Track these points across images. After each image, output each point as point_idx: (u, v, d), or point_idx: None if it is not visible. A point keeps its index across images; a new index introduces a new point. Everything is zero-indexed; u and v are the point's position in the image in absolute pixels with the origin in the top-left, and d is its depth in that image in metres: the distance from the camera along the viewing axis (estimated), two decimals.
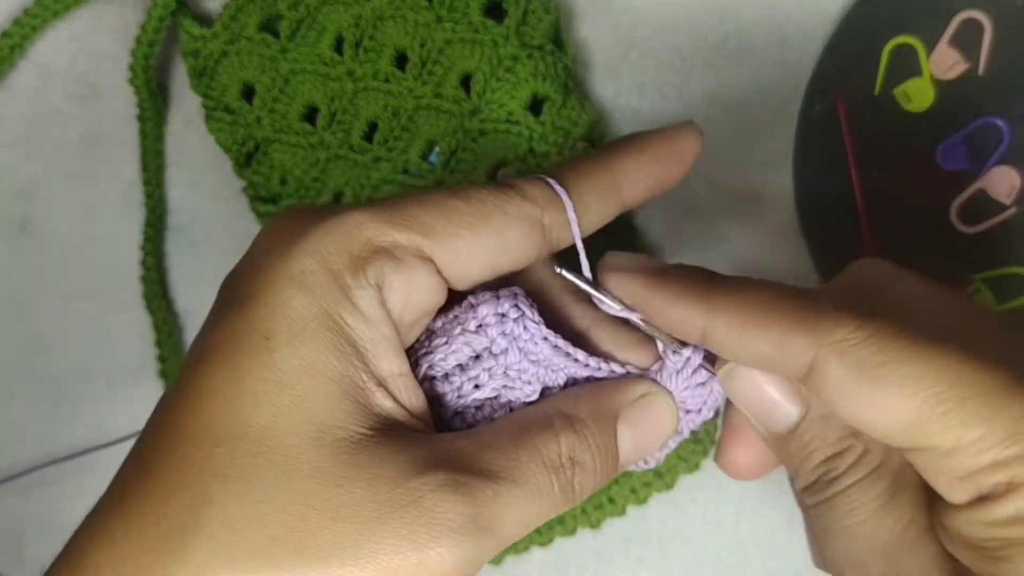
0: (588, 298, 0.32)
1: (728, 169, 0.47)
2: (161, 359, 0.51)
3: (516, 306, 0.30)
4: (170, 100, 0.50)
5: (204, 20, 0.48)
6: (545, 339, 0.31)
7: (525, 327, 0.30)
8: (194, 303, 0.51)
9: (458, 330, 0.31)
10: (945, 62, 0.43)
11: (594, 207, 0.32)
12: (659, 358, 0.33)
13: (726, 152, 0.47)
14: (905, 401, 0.26)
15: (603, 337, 0.34)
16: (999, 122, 0.43)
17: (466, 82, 0.46)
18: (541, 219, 0.30)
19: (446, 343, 0.31)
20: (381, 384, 0.28)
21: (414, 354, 0.31)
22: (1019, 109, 0.42)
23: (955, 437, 0.26)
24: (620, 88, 0.47)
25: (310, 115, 0.47)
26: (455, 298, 0.31)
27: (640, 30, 0.47)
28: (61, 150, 0.51)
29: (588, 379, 0.32)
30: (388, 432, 0.28)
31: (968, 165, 0.43)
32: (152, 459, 0.27)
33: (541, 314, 0.31)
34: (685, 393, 0.33)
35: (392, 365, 0.29)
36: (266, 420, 0.27)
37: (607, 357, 0.33)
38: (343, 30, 0.46)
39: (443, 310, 0.31)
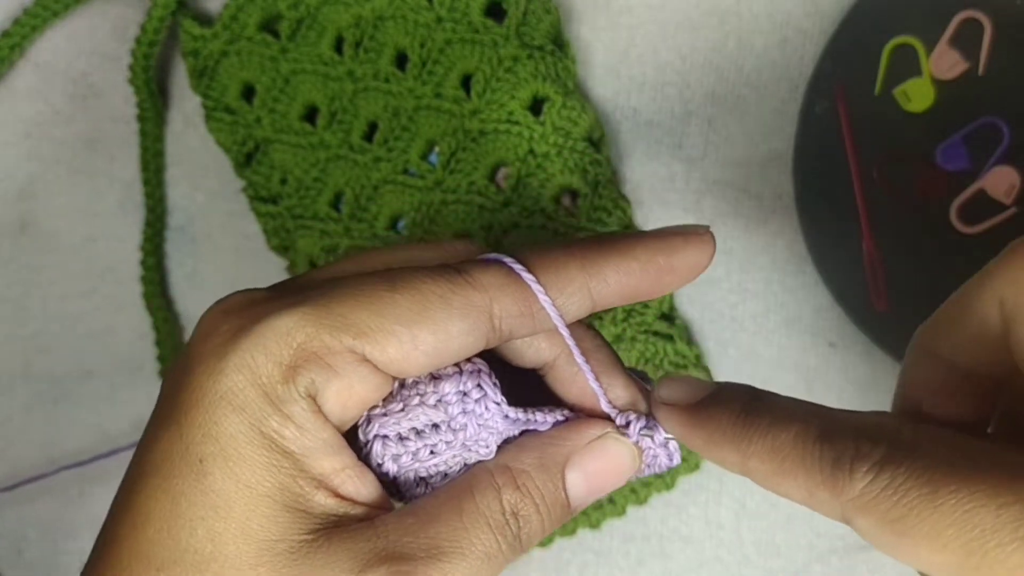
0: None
1: (728, 168, 0.47)
2: (161, 359, 0.51)
3: (479, 385, 0.30)
4: (170, 100, 0.50)
5: (204, 20, 0.48)
6: (506, 417, 0.30)
7: (487, 407, 0.30)
8: (194, 303, 0.51)
9: (416, 400, 0.30)
10: (945, 62, 0.43)
11: (557, 303, 0.29)
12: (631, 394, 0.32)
13: (726, 151, 0.47)
14: (937, 555, 0.25)
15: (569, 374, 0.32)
16: (999, 122, 0.43)
17: (466, 82, 0.46)
18: (489, 310, 0.29)
19: (402, 410, 0.30)
20: (321, 485, 0.28)
21: (367, 413, 0.31)
22: (1019, 109, 0.42)
23: None
24: (620, 88, 0.47)
25: (310, 115, 0.47)
26: None
27: (640, 30, 0.47)
28: (61, 150, 0.51)
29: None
30: (331, 532, 0.28)
31: (968, 165, 0.43)
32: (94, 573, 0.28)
33: (501, 376, 0.31)
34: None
35: (333, 463, 0.29)
36: (203, 544, 0.27)
37: (572, 408, 0.32)
38: (343, 30, 0.46)
39: None
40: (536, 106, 0.46)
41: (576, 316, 0.30)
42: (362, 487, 0.29)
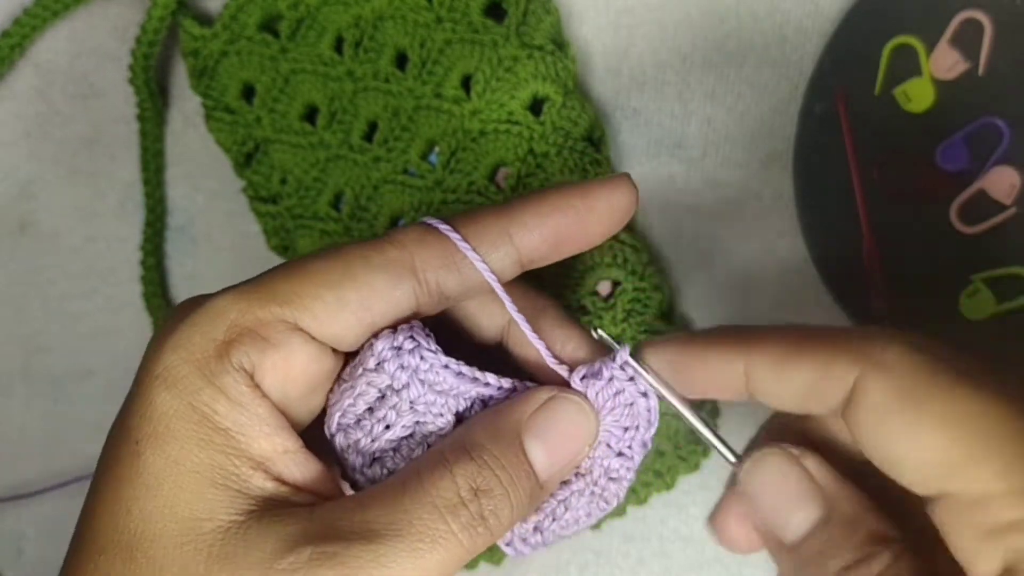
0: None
1: (728, 169, 0.47)
2: None
3: (411, 337, 0.30)
4: (170, 100, 0.50)
5: (204, 20, 0.48)
6: (446, 367, 0.30)
7: (422, 357, 0.30)
8: None
9: (359, 371, 0.30)
10: (945, 62, 0.43)
11: (479, 251, 0.30)
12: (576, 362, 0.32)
13: (726, 151, 0.47)
14: (941, 436, 0.25)
15: (522, 343, 0.33)
16: (999, 122, 0.43)
17: (466, 82, 0.46)
18: (411, 263, 0.29)
19: (351, 387, 0.30)
20: (259, 466, 0.28)
21: (327, 408, 0.31)
22: (1019, 109, 0.42)
23: (985, 485, 0.25)
24: (620, 88, 0.47)
25: (310, 115, 0.47)
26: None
27: (640, 30, 0.47)
28: (61, 150, 0.51)
29: (498, 399, 0.31)
30: (263, 513, 0.27)
31: (968, 165, 0.43)
32: (66, 565, 0.29)
33: (453, 342, 0.31)
34: (611, 410, 0.31)
35: (273, 444, 0.28)
36: (136, 525, 0.27)
37: (519, 374, 0.32)
38: (343, 30, 0.46)
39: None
40: (536, 106, 0.46)
41: (505, 266, 0.30)
42: (306, 472, 0.29)
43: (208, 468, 0.28)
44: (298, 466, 0.29)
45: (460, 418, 0.31)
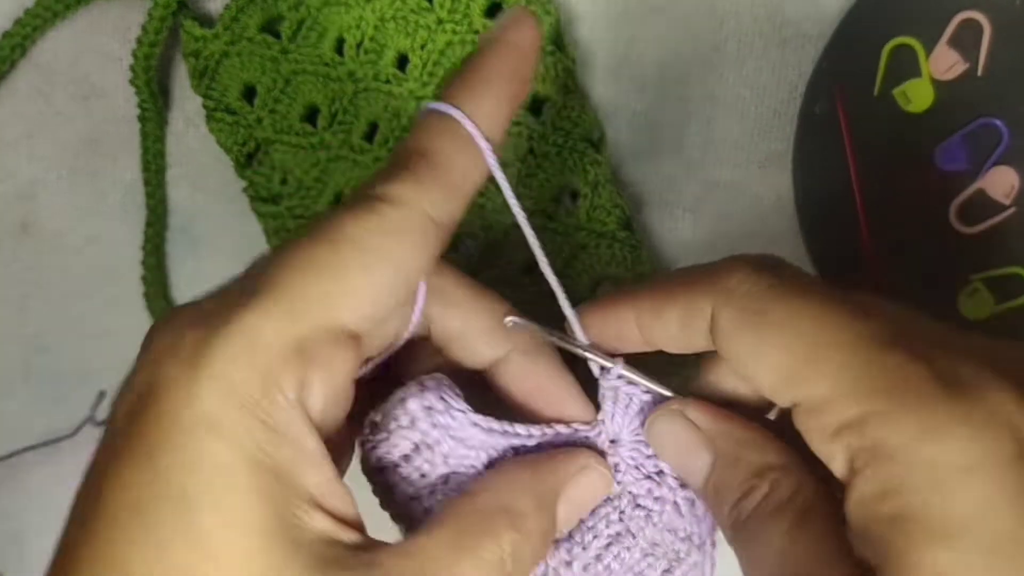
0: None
1: (728, 170, 0.47)
2: None
3: (441, 398, 0.31)
4: (171, 100, 0.50)
5: (205, 21, 0.48)
6: (476, 425, 0.31)
7: (452, 416, 0.31)
8: None
9: (393, 425, 0.31)
10: (944, 63, 0.43)
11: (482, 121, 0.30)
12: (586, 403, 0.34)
13: (726, 152, 0.47)
14: (781, 348, 0.27)
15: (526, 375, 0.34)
16: (998, 122, 0.43)
17: None
18: (426, 214, 0.28)
19: (387, 438, 0.31)
20: (313, 503, 0.26)
21: (362, 446, 0.32)
22: (1018, 109, 0.43)
23: (822, 390, 0.26)
24: (620, 89, 0.47)
25: (311, 116, 0.47)
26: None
27: (640, 31, 0.47)
28: (62, 150, 0.51)
29: (529, 447, 0.33)
30: (327, 566, 0.26)
31: (967, 165, 0.43)
32: None
33: (467, 391, 0.32)
34: (634, 441, 0.33)
35: (320, 475, 0.27)
36: None
37: (545, 421, 0.33)
38: (344, 31, 0.46)
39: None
40: (536, 106, 0.46)
41: (495, 133, 0.30)
42: (348, 502, 0.27)
43: (271, 526, 0.25)
44: (336, 496, 0.27)
45: (491, 463, 0.32)
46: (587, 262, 0.46)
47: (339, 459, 0.30)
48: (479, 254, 0.46)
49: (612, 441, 0.33)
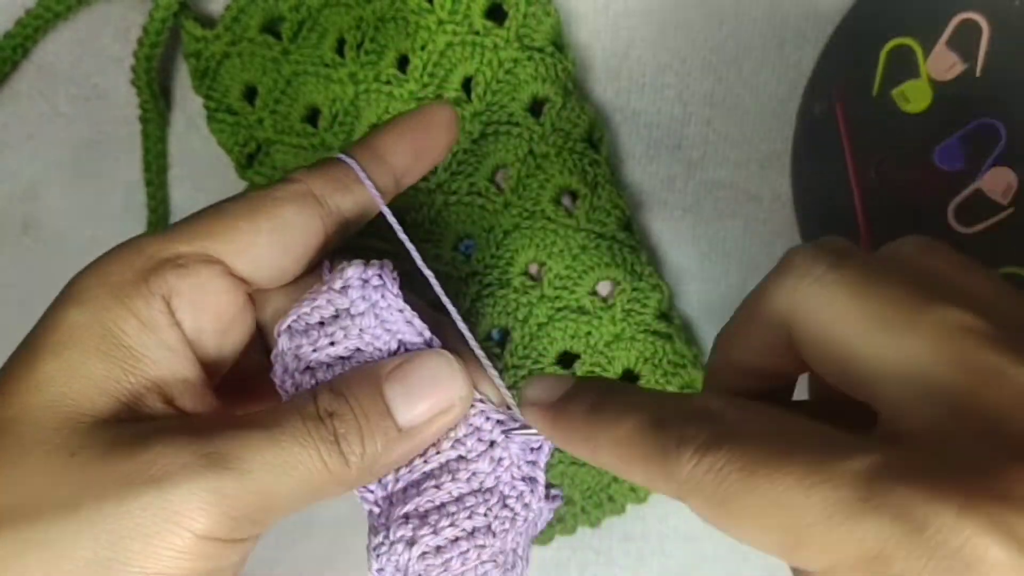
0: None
1: (727, 170, 0.47)
2: None
3: (379, 275, 0.32)
4: (172, 101, 0.51)
5: (206, 21, 0.48)
6: (400, 311, 0.32)
7: (383, 295, 0.32)
8: None
9: (324, 288, 0.32)
10: (943, 63, 0.43)
11: (367, 171, 0.34)
12: None
13: (725, 152, 0.47)
14: (760, 535, 0.26)
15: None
16: (996, 123, 0.43)
17: (467, 84, 0.46)
18: (310, 191, 0.32)
19: (312, 299, 0.32)
20: (155, 388, 0.30)
21: (285, 312, 0.32)
22: (1016, 110, 0.43)
23: (825, 562, 0.25)
24: (619, 89, 0.48)
25: (312, 116, 0.48)
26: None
27: (639, 32, 0.47)
28: (64, 151, 0.51)
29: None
30: (146, 422, 0.29)
31: (965, 166, 0.44)
32: None
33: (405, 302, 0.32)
34: (524, 440, 0.33)
35: (173, 370, 0.30)
36: (15, 412, 0.28)
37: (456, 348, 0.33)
38: (345, 32, 0.46)
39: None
40: (536, 107, 0.46)
41: (386, 183, 0.34)
42: (200, 406, 0.30)
43: (102, 378, 0.29)
44: (193, 398, 0.30)
45: (397, 352, 0.32)
46: (587, 263, 0.46)
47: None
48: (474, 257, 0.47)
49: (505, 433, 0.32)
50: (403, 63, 0.47)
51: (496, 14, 0.46)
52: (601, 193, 0.46)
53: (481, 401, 0.32)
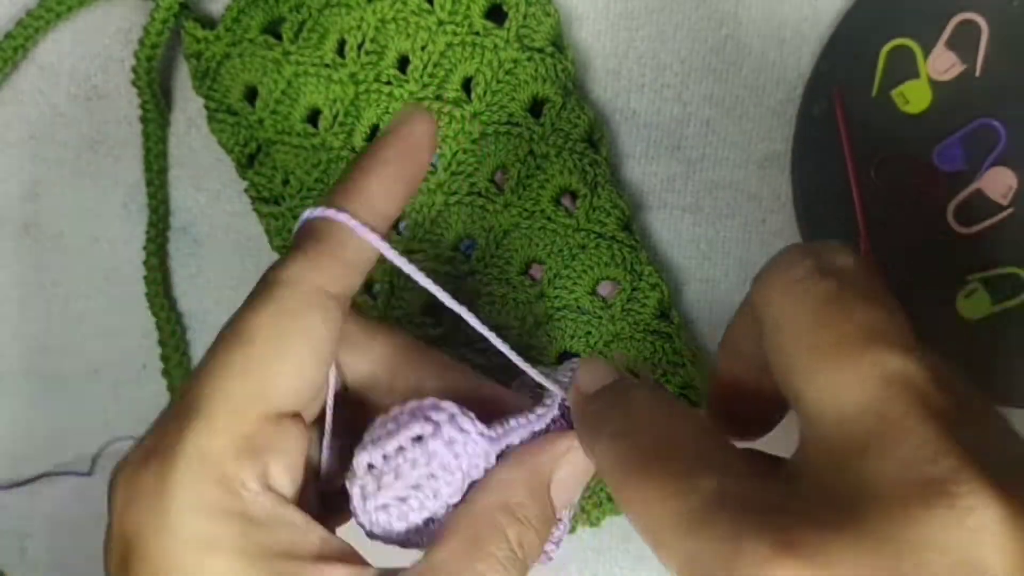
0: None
1: (726, 170, 0.47)
2: (164, 359, 0.51)
3: (461, 429, 0.31)
4: (173, 102, 0.51)
5: (207, 22, 0.48)
6: (483, 435, 0.31)
7: (475, 442, 0.31)
8: (197, 303, 0.52)
9: (408, 466, 0.31)
10: (942, 64, 0.43)
11: (359, 216, 0.32)
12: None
13: (725, 153, 0.47)
14: (638, 527, 0.27)
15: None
16: (995, 123, 0.43)
17: (467, 84, 0.46)
18: (321, 288, 0.30)
19: (396, 478, 0.31)
20: (320, 559, 0.29)
21: (352, 490, 0.31)
22: (1015, 110, 0.43)
23: (674, 566, 0.26)
24: (619, 90, 0.48)
25: (312, 117, 0.48)
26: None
27: (639, 32, 0.47)
28: (64, 151, 0.51)
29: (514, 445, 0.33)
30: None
31: (965, 166, 0.44)
32: None
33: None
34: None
35: (316, 536, 0.29)
36: None
37: (522, 410, 0.33)
38: (345, 33, 0.46)
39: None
40: (536, 108, 0.46)
41: (383, 228, 0.31)
42: (349, 549, 0.30)
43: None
44: (339, 548, 0.30)
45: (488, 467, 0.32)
46: (587, 263, 0.46)
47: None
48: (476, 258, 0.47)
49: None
50: (403, 63, 0.47)
51: (496, 15, 0.46)
52: (601, 193, 0.46)
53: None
